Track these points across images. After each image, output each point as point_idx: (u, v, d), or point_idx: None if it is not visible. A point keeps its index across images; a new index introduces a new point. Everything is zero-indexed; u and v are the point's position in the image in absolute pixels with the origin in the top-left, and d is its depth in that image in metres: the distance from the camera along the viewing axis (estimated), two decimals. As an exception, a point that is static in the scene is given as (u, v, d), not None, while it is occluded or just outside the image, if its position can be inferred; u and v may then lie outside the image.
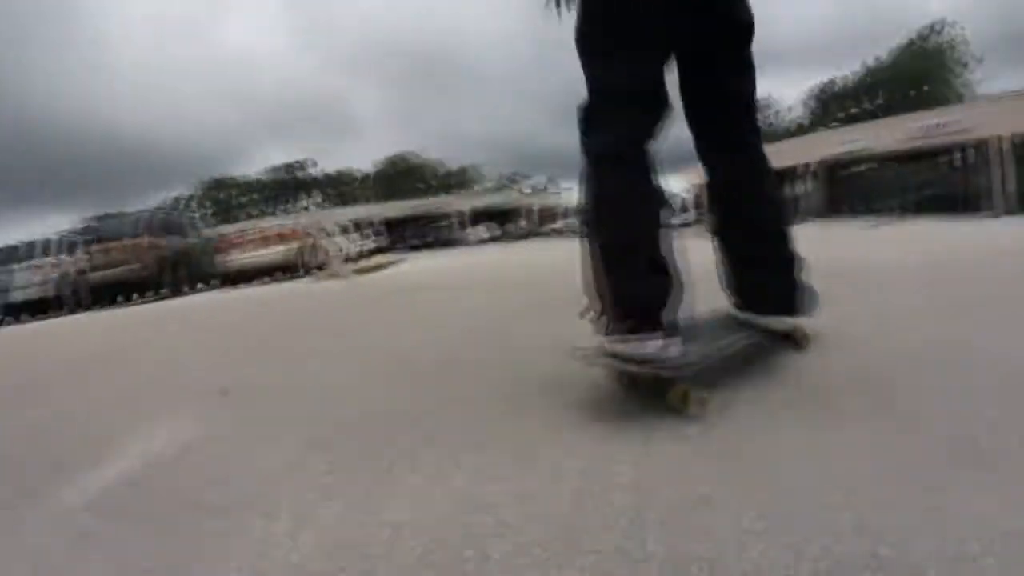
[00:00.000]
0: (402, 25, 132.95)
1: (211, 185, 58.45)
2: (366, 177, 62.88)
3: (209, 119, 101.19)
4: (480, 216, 41.85)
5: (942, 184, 23.78)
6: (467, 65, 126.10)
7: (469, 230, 38.17)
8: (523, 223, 42.09)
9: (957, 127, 22.13)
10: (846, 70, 46.30)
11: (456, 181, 61.98)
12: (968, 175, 22.84)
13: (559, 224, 37.30)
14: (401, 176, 61.19)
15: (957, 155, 23.75)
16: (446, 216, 42.22)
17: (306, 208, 58.15)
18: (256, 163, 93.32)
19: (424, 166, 61.97)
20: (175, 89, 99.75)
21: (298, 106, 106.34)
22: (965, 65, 42.22)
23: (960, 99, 35.78)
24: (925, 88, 38.53)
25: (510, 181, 63.38)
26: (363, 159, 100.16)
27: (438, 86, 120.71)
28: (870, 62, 43.95)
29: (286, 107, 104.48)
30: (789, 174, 30.69)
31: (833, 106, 46.73)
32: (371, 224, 39.59)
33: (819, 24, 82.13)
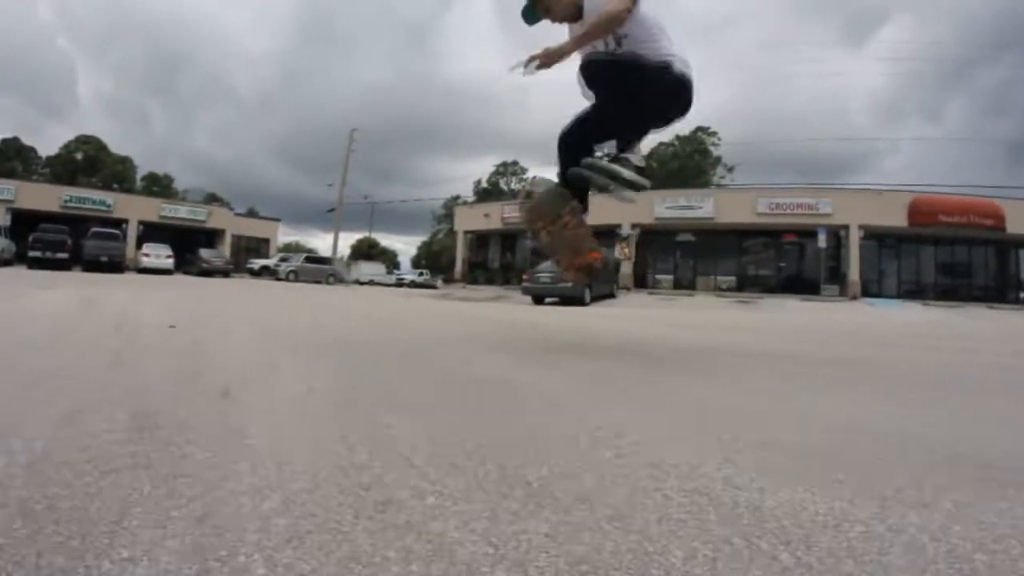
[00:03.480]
0: (155, 15, 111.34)
1: None
2: (57, 157, 50.77)
3: None
4: (165, 232, 32.01)
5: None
6: (207, 74, 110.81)
7: (146, 249, 28.09)
8: (226, 251, 33.54)
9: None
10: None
11: (148, 187, 50.24)
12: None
13: (272, 261, 30.51)
14: (84, 166, 47.24)
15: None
16: (118, 224, 31.13)
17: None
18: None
19: (116, 161, 48.45)
20: None
21: (14, 66, 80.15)
22: (723, 166, 49.09)
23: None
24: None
25: (213, 200, 53.28)
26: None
27: (169, 86, 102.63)
28: None
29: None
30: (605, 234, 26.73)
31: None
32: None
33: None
